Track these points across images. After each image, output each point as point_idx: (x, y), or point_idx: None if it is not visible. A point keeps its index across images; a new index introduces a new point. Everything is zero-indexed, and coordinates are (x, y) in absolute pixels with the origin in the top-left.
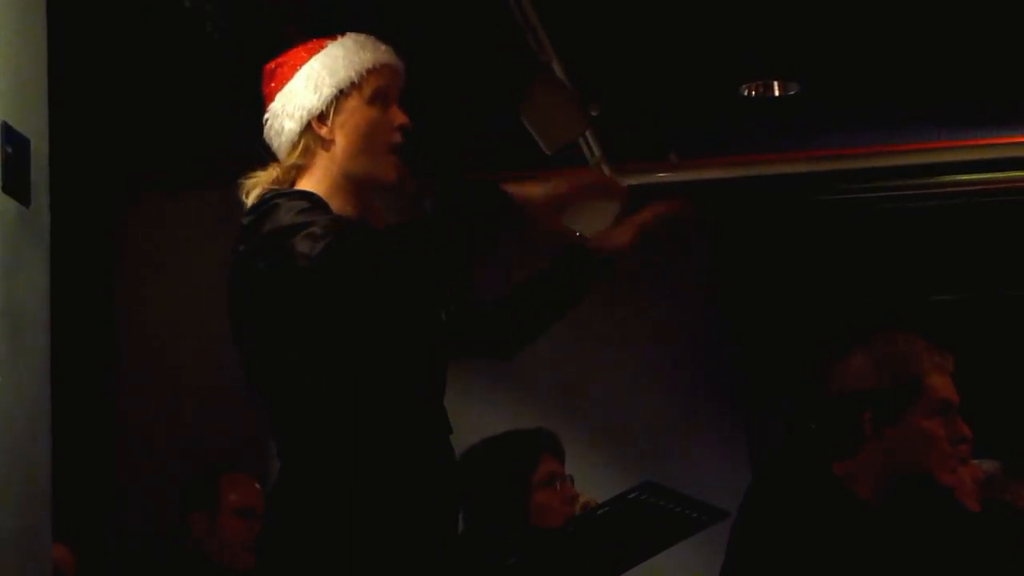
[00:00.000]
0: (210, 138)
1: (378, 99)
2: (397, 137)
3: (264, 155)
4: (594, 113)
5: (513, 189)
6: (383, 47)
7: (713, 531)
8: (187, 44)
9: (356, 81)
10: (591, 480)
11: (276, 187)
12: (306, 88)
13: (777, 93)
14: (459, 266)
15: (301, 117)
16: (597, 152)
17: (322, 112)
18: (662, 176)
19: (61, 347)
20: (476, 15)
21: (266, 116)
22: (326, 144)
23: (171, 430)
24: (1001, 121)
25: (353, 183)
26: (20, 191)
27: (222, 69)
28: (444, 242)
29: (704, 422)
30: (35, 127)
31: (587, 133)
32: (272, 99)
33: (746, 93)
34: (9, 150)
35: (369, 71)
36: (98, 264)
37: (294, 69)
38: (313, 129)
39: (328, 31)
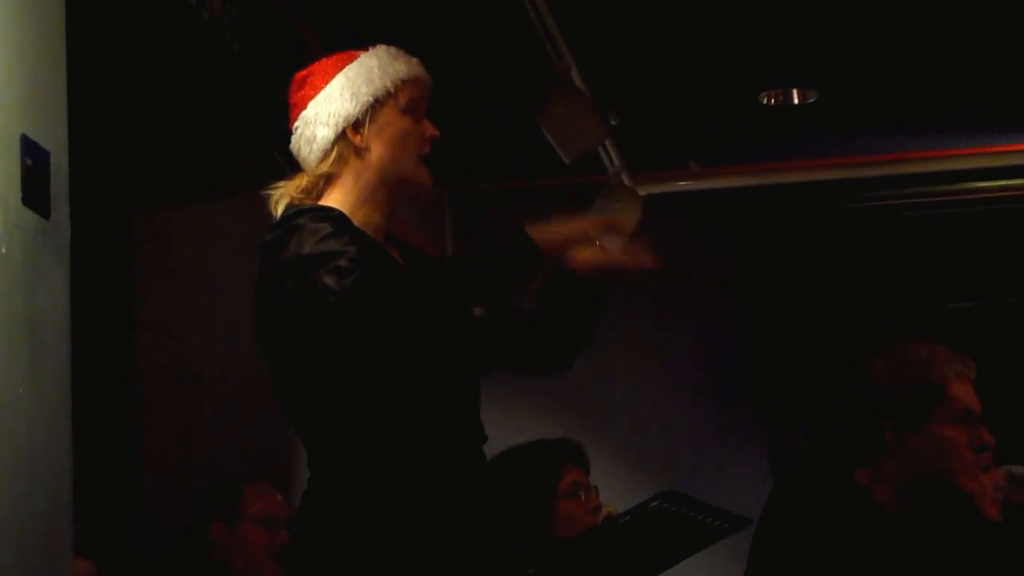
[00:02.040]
0: (228, 148)
1: (411, 110)
2: (427, 148)
3: (283, 163)
4: (613, 122)
5: (538, 233)
6: (414, 60)
7: (735, 539)
8: (204, 55)
9: (392, 91)
10: (613, 489)
11: (302, 197)
12: (342, 96)
13: (796, 101)
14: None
15: (336, 124)
16: (616, 161)
17: (358, 120)
18: (682, 184)
19: (81, 358)
20: (495, 24)
21: (296, 123)
22: (360, 152)
23: (192, 440)
24: (1018, 127)
25: (387, 191)
26: (40, 203)
27: (241, 80)
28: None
29: (726, 430)
30: (55, 139)
31: (606, 142)
32: (303, 107)
33: (765, 101)
34: (29, 162)
35: (404, 82)
36: (117, 274)
37: (328, 77)
38: (348, 137)
39: (348, 39)
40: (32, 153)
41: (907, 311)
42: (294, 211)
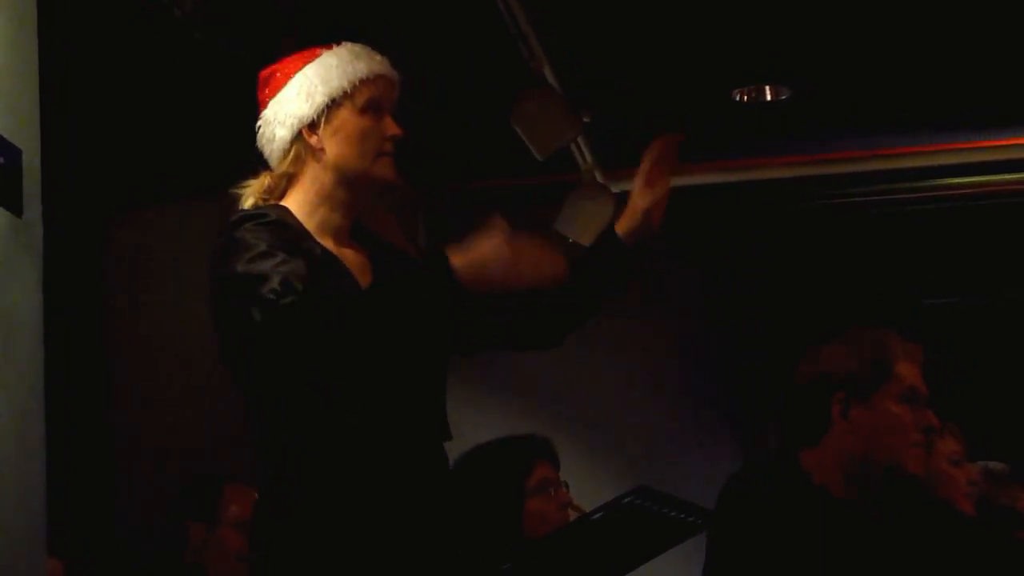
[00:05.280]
0: (201, 148)
1: (370, 109)
2: (388, 146)
3: (255, 165)
4: (585, 119)
5: (461, 260)
6: (378, 57)
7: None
8: (177, 54)
9: (349, 91)
10: (585, 486)
11: (267, 197)
12: (298, 96)
13: (769, 98)
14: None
15: (292, 125)
16: (589, 158)
17: (313, 121)
18: None
19: (54, 358)
20: (467, 22)
21: (259, 123)
22: (316, 153)
23: (166, 440)
24: (993, 124)
25: (347, 190)
26: (12, 201)
27: (213, 80)
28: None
29: (699, 426)
30: (27, 137)
31: (578, 139)
32: (265, 106)
33: (737, 98)
34: (1, 160)
35: (362, 81)
36: (90, 274)
37: (287, 77)
38: (304, 137)
39: (321, 39)
40: (4, 151)
41: (880, 307)
42: (237, 217)
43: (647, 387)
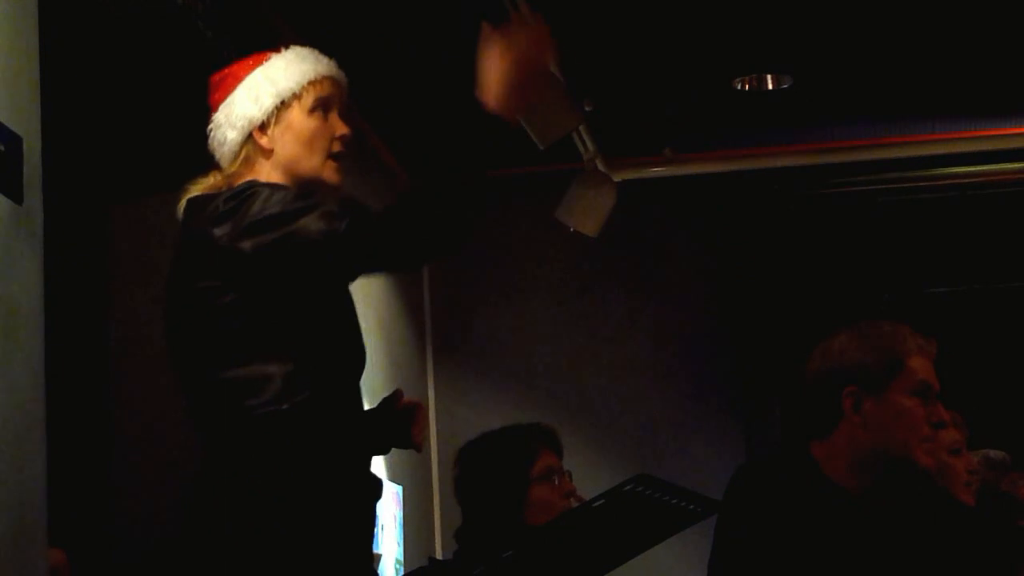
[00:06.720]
0: (205, 138)
1: (319, 109)
2: (337, 146)
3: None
4: (588, 108)
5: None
6: (325, 60)
7: (709, 523)
8: (181, 41)
9: (297, 92)
10: (588, 475)
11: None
12: (247, 99)
13: (770, 86)
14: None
15: (243, 127)
16: (590, 147)
17: (263, 122)
18: (656, 170)
19: (56, 347)
20: (468, 10)
21: (210, 127)
22: (267, 153)
23: (169, 431)
24: (994, 113)
25: (296, 188)
26: (12, 189)
27: (217, 69)
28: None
29: (701, 418)
30: (27, 125)
31: (581, 128)
32: (215, 110)
33: (739, 87)
34: (1, 148)
35: (311, 82)
36: (92, 269)
37: (237, 81)
38: (254, 139)
39: (322, 31)
40: (4, 138)
41: (882, 296)
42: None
43: (650, 377)
